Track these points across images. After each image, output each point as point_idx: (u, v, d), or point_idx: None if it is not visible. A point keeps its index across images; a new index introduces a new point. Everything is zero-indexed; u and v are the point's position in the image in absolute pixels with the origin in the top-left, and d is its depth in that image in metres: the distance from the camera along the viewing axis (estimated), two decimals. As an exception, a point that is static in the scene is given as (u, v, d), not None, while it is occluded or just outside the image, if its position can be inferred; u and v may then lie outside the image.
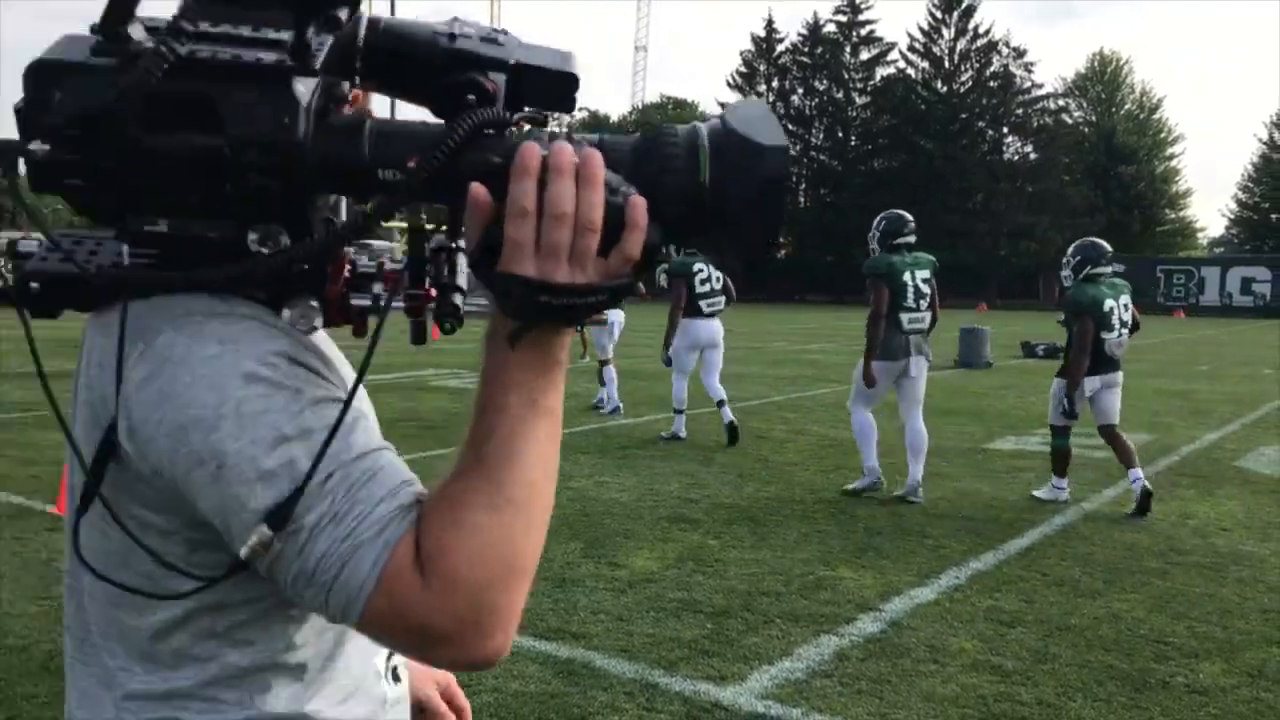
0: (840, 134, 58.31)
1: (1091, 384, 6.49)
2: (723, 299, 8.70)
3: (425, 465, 4.86)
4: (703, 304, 8.59)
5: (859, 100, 58.06)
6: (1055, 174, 51.53)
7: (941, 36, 54.96)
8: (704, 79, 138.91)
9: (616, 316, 10.82)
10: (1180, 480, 7.33)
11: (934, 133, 53.33)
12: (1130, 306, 6.60)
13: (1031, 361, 17.67)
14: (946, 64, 54.93)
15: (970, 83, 54.27)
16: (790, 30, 59.27)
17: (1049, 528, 5.82)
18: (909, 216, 6.88)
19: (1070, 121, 54.90)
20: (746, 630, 4.05)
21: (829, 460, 7.88)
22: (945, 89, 54.81)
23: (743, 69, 59.76)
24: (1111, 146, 53.31)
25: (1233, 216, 56.47)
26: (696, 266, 8.56)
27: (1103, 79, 57.62)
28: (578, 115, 69.31)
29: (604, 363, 10.56)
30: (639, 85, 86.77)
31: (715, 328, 8.70)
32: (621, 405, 10.49)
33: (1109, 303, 6.42)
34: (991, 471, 7.50)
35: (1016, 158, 54.42)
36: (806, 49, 58.26)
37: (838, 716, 3.31)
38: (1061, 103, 55.41)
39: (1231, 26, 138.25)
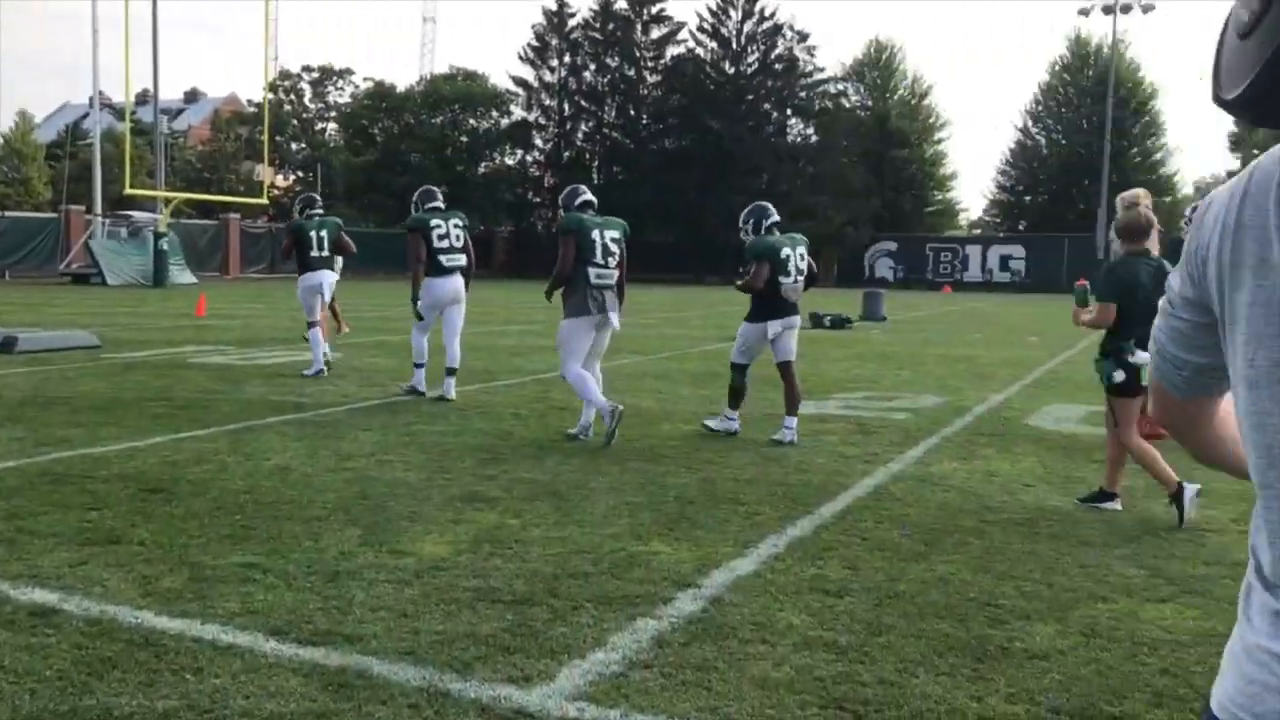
0: (633, 112, 58.37)
1: (774, 327, 7.15)
2: (463, 256, 8.84)
3: (174, 447, 4.04)
4: (442, 259, 8.67)
5: (650, 79, 58.31)
6: (835, 156, 53.48)
7: (729, 18, 55.89)
8: (495, 52, 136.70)
9: (326, 278, 10.63)
10: (978, 439, 7.35)
11: (722, 113, 54.22)
12: (806, 257, 7.26)
13: (819, 331, 17.99)
14: (734, 45, 55.92)
15: (756, 65, 55.46)
16: (582, 6, 58.57)
17: (860, 490, 5.60)
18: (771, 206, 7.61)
19: (849, 105, 57.11)
20: (553, 619, 3.54)
21: (634, 430, 7.46)
22: (733, 70, 55.82)
23: (534, 43, 58.80)
24: (886, 131, 55.85)
25: (992, 199, 60.46)
26: (434, 222, 8.66)
27: (878, 65, 60.27)
28: (364, 85, 66.46)
29: (311, 324, 10.49)
30: (427, 57, 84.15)
31: (458, 284, 8.80)
32: (326, 369, 10.36)
33: (785, 251, 7.11)
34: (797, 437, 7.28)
35: (800, 140, 56.14)
36: (598, 25, 57.91)
37: (662, 715, 2.85)
38: (841, 87, 57.53)
39: (992, 19, 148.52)
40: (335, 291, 12.49)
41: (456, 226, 8.85)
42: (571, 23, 58.47)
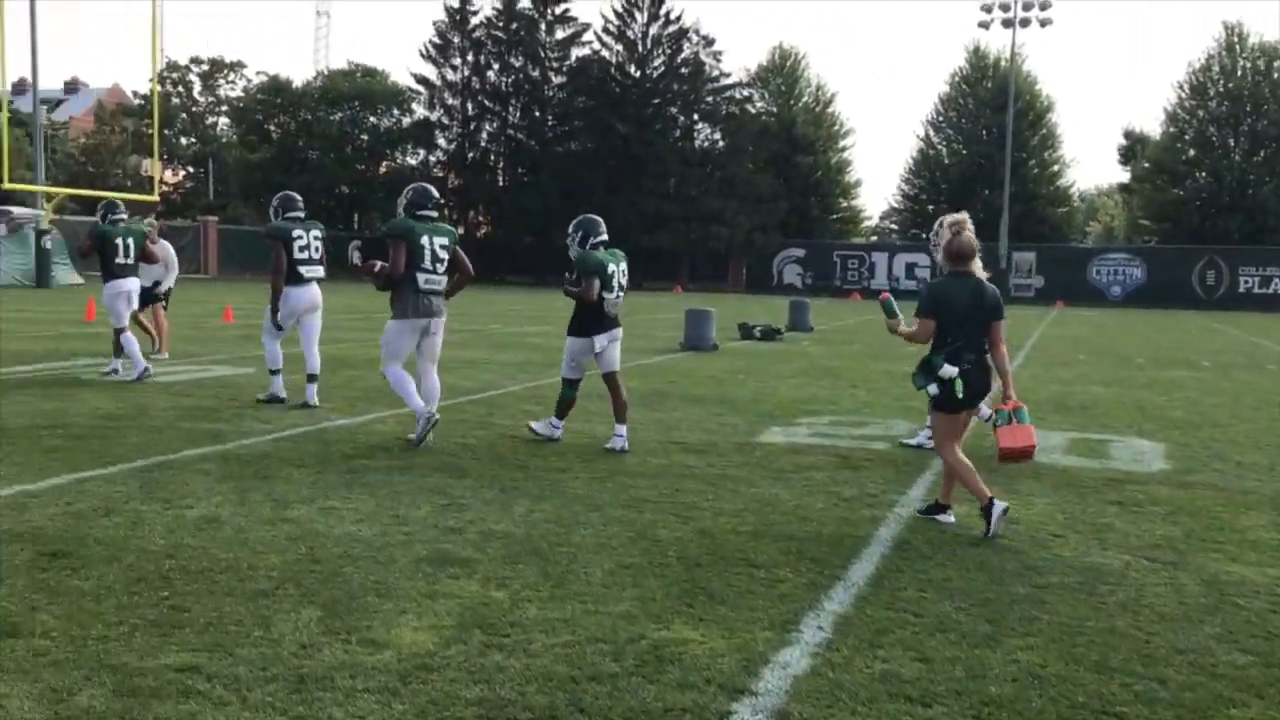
0: (538, 113, 57.41)
1: (600, 341, 7.41)
2: (321, 267, 9.06)
3: (75, 492, 3.02)
4: (302, 269, 8.86)
5: (555, 80, 57.44)
6: (742, 161, 53.43)
7: (635, 21, 55.38)
8: (395, 48, 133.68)
9: (133, 285, 10.74)
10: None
11: (629, 116, 53.70)
12: (626, 273, 7.56)
13: (750, 344, 17.53)
14: (640, 48, 55.45)
15: (663, 68, 55.08)
16: (485, 4, 57.33)
17: (880, 545, 5.02)
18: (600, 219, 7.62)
19: (754, 111, 57.17)
20: (591, 747, 2.84)
21: (599, 464, 6.78)
22: (639, 73, 55.34)
23: (436, 40, 57.33)
24: (792, 136, 56.06)
25: (898, 206, 61.33)
26: (295, 233, 8.83)
27: (782, 72, 60.54)
28: (257, 79, 63.91)
29: (119, 331, 10.58)
30: (320, 51, 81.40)
31: (315, 293, 9.05)
32: (150, 367, 10.51)
33: (611, 266, 7.34)
34: (780, 474, 6.68)
35: (707, 144, 55.96)
36: (501, 24, 56.80)
37: None
38: (746, 93, 57.56)
39: (892, 30, 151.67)
40: (168, 302, 12.91)
41: (316, 238, 9.01)
42: (474, 21, 57.32)
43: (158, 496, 5.55)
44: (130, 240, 10.60)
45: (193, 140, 63.90)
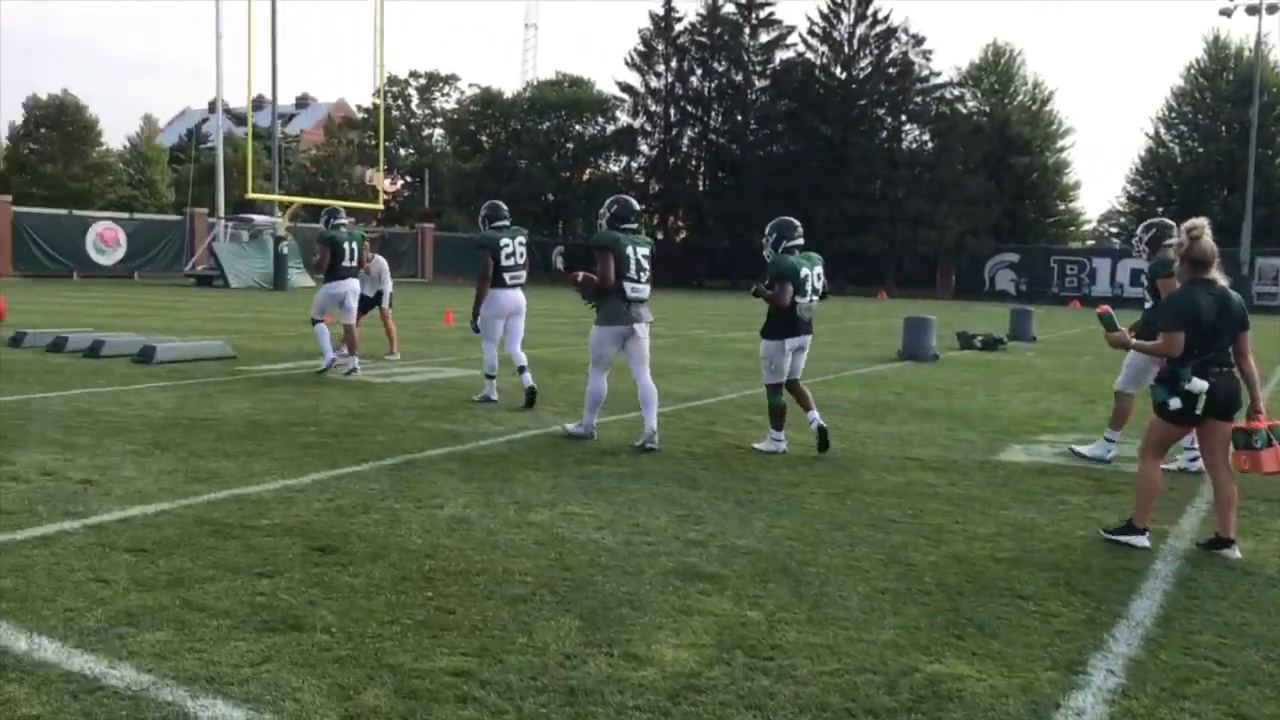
0: (739, 117, 57.35)
1: (791, 344, 7.41)
2: (523, 272, 9.45)
3: (334, 488, 3.06)
4: (506, 276, 9.23)
5: (758, 83, 57.21)
6: (952, 162, 51.61)
7: (841, 21, 54.46)
8: (600, 57, 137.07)
9: (351, 286, 11.45)
10: (1253, 505, 6.23)
11: (833, 118, 52.84)
12: (822, 277, 7.51)
13: (971, 354, 16.80)
14: (846, 49, 54.49)
15: (870, 69, 53.92)
16: (689, 10, 57.78)
17: (1160, 581, 4.61)
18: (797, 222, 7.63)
19: (965, 111, 55.12)
20: (882, 789, 2.68)
21: (834, 480, 6.58)
22: (845, 74, 54.38)
23: (641, 48, 58.21)
24: (1005, 136, 53.65)
25: (1121, 209, 57.70)
26: (503, 241, 9.20)
27: (996, 69, 58.11)
28: (469, 91, 66.71)
29: (316, 322, 11.41)
30: (529, 63, 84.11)
31: (519, 297, 9.44)
32: (344, 363, 11.22)
33: (805, 270, 7.31)
34: (1031, 496, 6.29)
35: (915, 146, 54.39)
36: (705, 30, 57.07)
37: None
38: (957, 92, 55.58)
39: (1117, 23, 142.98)
40: (392, 307, 13.62)
41: (520, 244, 9.39)
42: (678, 27, 57.79)
43: (409, 495, 5.76)
44: (353, 244, 11.39)
45: (410, 151, 67.35)
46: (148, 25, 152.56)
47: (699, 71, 57.83)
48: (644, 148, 59.45)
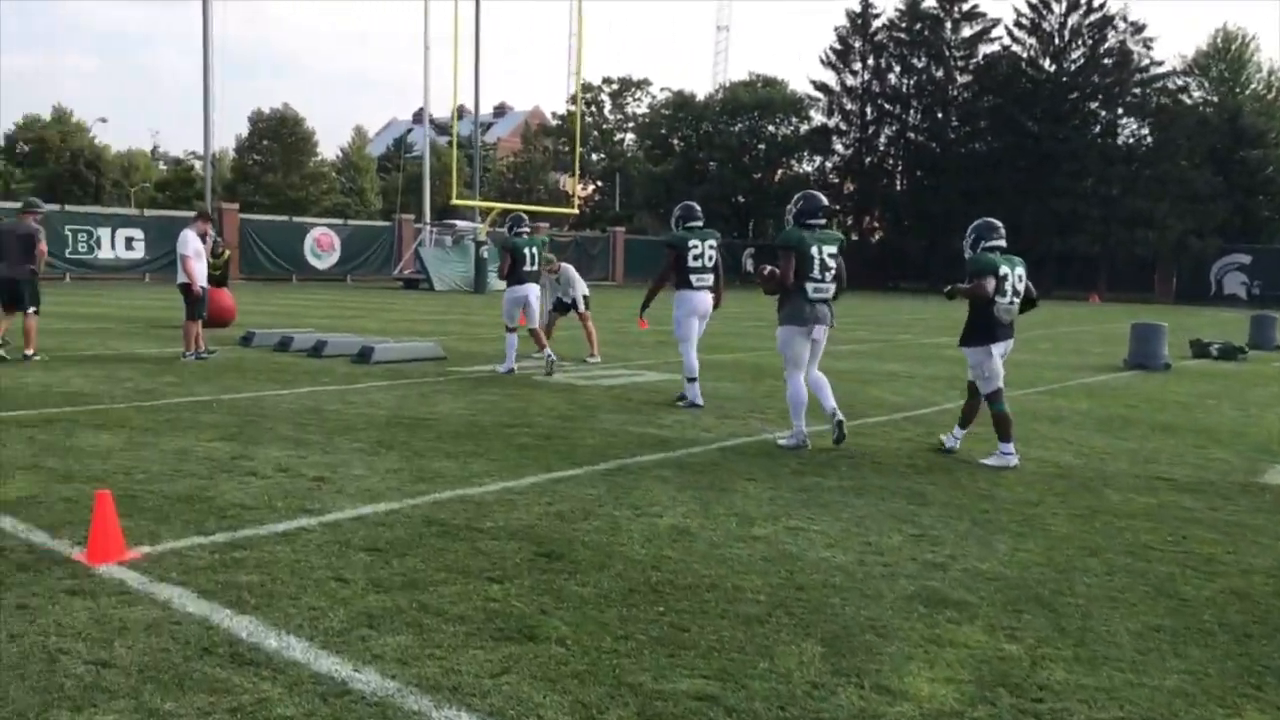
0: (939, 114, 55.52)
1: (997, 349, 7.12)
2: (710, 275, 9.30)
3: (552, 492, 2.82)
4: (693, 278, 9.22)
5: (960, 79, 55.19)
6: (1175, 157, 48.17)
7: (1051, 11, 51.81)
8: (793, 57, 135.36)
9: (533, 291, 11.61)
10: None
11: (1041, 113, 50.34)
12: (1024, 279, 7.17)
13: (1207, 363, 15.47)
14: (1056, 41, 51.79)
15: (1083, 60, 51.06)
16: (888, 6, 56.32)
17: None
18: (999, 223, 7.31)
19: (1190, 101, 51.37)
20: None
21: (1077, 501, 6.07)
22: (1054, 67, 51.71)
23: (837, 46, 57.24)
24: (1237, 129, 49.62)
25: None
26: (691, 242, 9.15)
27: (1225, 57, 53.89)
28: (661, 94, 67.30)
29: (511, 330, 11.60)
30: (720, 65, 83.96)
31: (708, 299, 9.39)
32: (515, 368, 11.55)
33: (1004, 270, 7.02)
34: (1311, 524, 5.61)
35: (1132, 140, 51.13)
36: (904, 25, 55.54)
37: None
38: (1181, 81, 51.86)
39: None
40: (590, 309, 13.66)
41: (711, 247, 9.26)
42: (876, 24, 56.51)
43: (627, 502, 5.66)
44: (534, 250, 11.58)
45: (601, 156, 68.63)
46: (357, 42, 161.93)
47: (897, 68, 56.42)
48: (838, 147, 58.49)
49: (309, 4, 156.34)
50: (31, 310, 11.49)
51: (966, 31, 54.92)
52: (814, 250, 7.29)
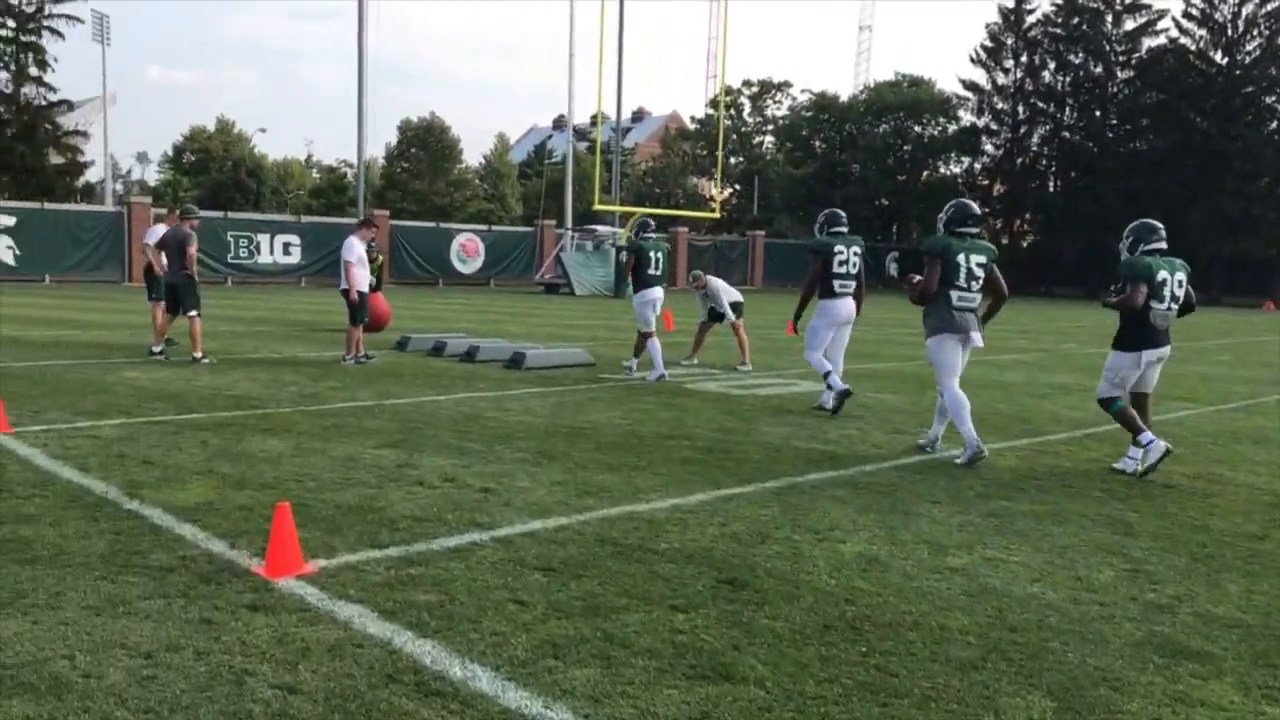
0: (1097, 112, 53.02)
1: (1147, 356, 6.87)
2: (854, 282, 9.15)
3: (724, 511, 2.39)
4: (836, 284, 9.06)
5: (1121, 75, 52.58)
6: (1363, 154, 44.78)
7: (1225, 1, 48.84)
8: (938, 56, 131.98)
9: (659, 294, 11.51)
10: None
11: (1212, 109, 47.48)
12: (1184, 285, 6.84)
13: None
14: (1229, 32, 48.78)
15: (1258, 52, 47.96)
16: (1042, 1, 54.00)
17: None
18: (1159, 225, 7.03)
19: (1381, 93, 47.63)
20: None
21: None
22: (1226, 60, 48.72)
23: (988, 43, 55.34)
24: None
25: None
26: (837, 248, 9.02)
27: None
28: (801, 96, 66.35)
29: (648, 335, 11.45)
30: (862, 65, 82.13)
31: (851, 307, 9.20)
32: (666, 373, 11.38)
33: (1163, 274, 6.75)
34: None
35: (1315, 136, 47.75)
36: (1060, 20, 53.26)
37: None
38: (1371, 72, 48.12)
39: None
40: (741, 317, 13.22)
41: (856, 253, 9.11)
42: (1030, 19, 54.37)
43: (805, 525, 5.34)
44: (659, 254, 11.46)
45: (739, 159, 68.08)
46: (499, 52, 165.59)
47: (1052, 65, 54.18)
48: (988, 148, 56.60)
49: (453, 16, 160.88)
50: (193, 313, 11.79)
51: (1129, 25, 52.31)
52: (961, 258, 7.13)
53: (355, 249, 11.92)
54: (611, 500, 5.76)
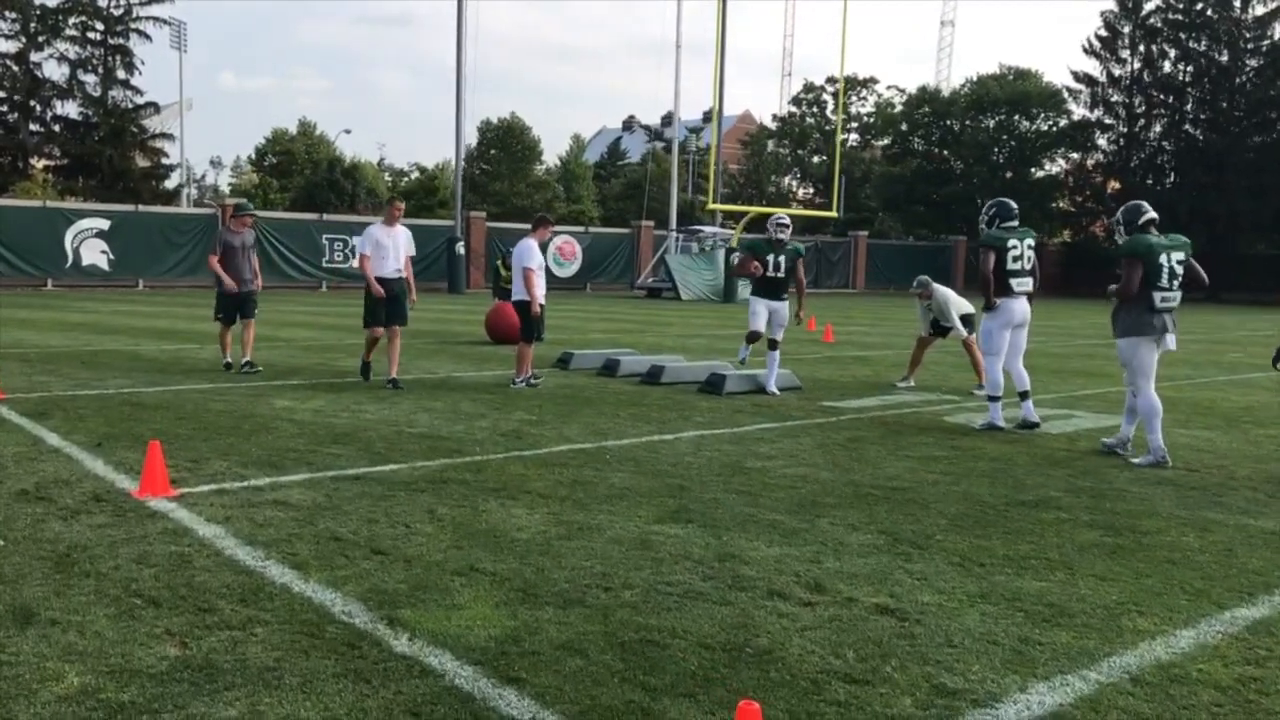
0: (1224, 104, 49.69)
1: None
2: (1030, 279, 8.45)
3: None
4: (1013, 282, 8.33)
5: (1250, 64, 49.23)
6: None
7: (1368, -19, 45.39)
8: (1046, 46, 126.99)
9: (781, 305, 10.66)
10: None
11: (1355, 98, 44.08)
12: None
13: None
14: (1372, 15, 45.32)
15: (1407, 36, 44.45)
16: (1163, -14, 50.78)
17: None
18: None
19: None
20: None
21: None
22: (1368, 45, 45.26)
23: (1102, 32, 52.27)
24: None
25: None
26: (1010, 242, 8.32)
27: None
28: (887, 93, 63.69)
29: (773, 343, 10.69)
30: (944, 61, 79.05)
31: (1026, 307, 8.50)
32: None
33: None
34: None
35: None
36: (1182, 6, 50.05)
37: None
38: None
39: None
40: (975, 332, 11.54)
41: (1030, 247, 8.44)
42: (1148, 6, 51.21)
43: None
44: (781, 259, 10.45)
45: (823, 157, 65.53)
46: (569, 56, 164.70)
47: (1172, 55, 50.95)
48: (1101, 142, 53.43)
49: (520, 17, 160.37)
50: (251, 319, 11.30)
51: (1259, 10, 48.90)
52: (1163, 258, 6.98)
53: (535, 254, 10.08)
54: (1103, 637, 3.81)
